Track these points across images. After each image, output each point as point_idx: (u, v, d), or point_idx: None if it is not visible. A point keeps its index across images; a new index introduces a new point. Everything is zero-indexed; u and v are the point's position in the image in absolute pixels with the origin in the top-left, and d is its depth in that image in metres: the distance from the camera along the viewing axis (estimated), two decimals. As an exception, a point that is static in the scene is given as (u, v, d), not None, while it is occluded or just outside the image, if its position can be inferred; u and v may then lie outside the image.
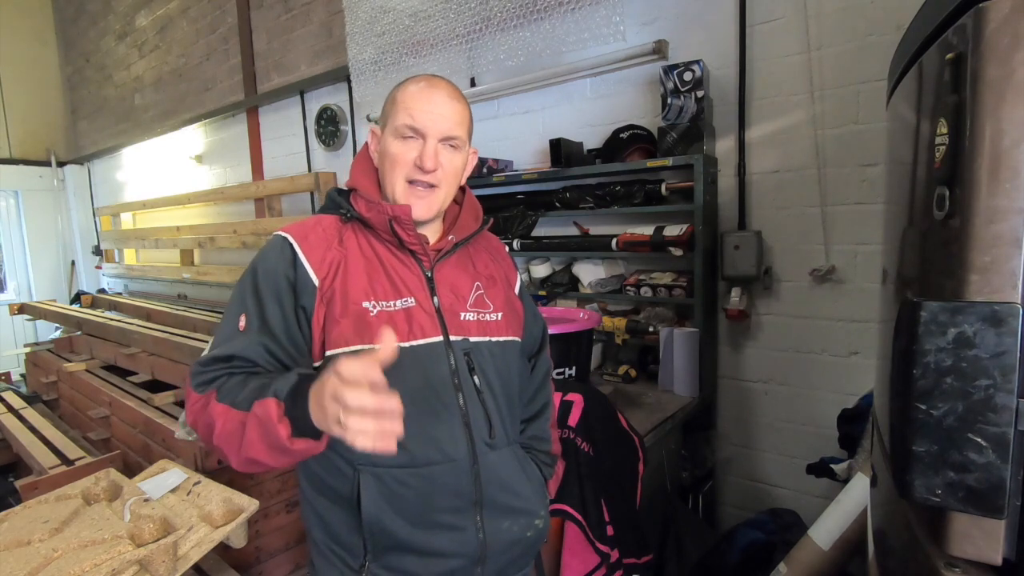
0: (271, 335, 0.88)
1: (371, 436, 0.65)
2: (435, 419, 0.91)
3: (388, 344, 0.67)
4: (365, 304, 0.89)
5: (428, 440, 0.90)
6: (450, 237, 1.00)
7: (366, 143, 1.04)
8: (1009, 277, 0.61)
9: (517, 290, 1.13)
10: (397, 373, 0.88)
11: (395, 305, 0.91)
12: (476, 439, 0.93)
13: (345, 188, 1.01)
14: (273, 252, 0.92)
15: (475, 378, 0.95)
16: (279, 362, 0.88)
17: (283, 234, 0.93)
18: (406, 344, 0.89)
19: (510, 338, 1.04)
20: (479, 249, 1.08)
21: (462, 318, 0.96)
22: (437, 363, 0.92)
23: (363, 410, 0.64)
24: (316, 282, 0.89)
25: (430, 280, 0.96)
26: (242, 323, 0.88)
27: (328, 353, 0.88)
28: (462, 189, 1.07)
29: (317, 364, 0.90)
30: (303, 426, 0.74)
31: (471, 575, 0.95)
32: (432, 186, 0.94)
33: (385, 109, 0.97)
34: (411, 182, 0.93)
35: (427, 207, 0.94)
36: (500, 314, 1.02)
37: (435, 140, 0.92)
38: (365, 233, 0.96)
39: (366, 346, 0.86)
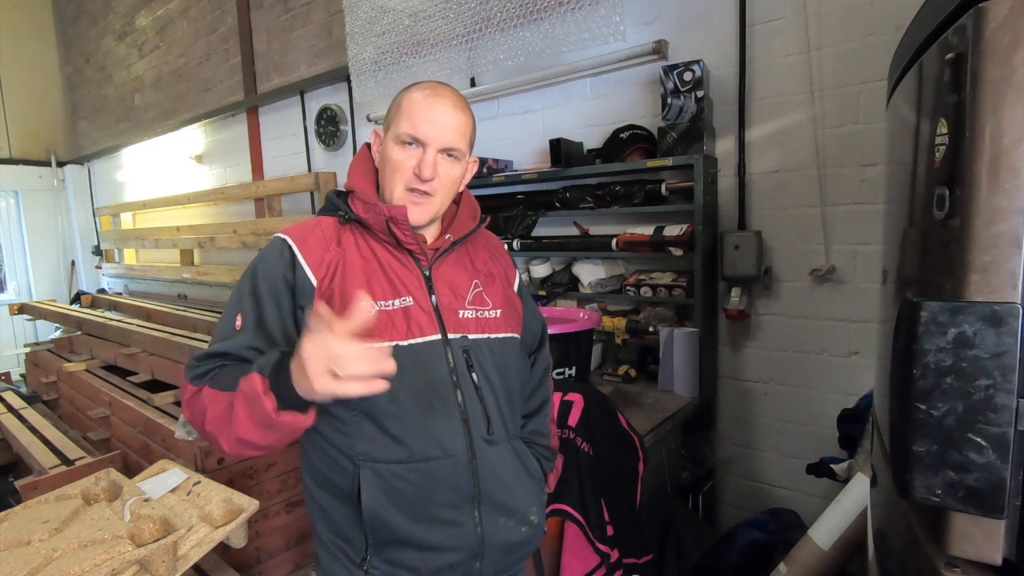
0: (267, 336, 0.89)
1: (364, 382, 0.72)
2: (434, 416, 0.92)
3: (364, 307, 0.73)
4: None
5: (427, 436, 0.92)
6: (448, 236, 1.01)
7: (365, 145, 1.06)
8: (1009, 277, 0.61)
9: (516, 287, 1.14)
10: (397, 372, 0.90)
11: (393, 304, 0.92)
12: (474, 435, 0.95)
13: (343, 190, 1.03)
14: (272, 254, 0.94)
15: (473, 375, 0.96)
16: None
17: (282, 236, 0.95)
18: (404, 343, 0.91)
19: (509, 335, 1.05)
20: (478, 247, 1.09)
21: (460, 316, 0.98)
22: (435, 361, 0.93)
23: (353, 361, 0.70)
24: (314, 282, 0.91)
25: (428, 279, 0.97)
26: (238, 323, 0.90)
27: None
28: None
29: None
30: (288, 399, 0.76)
31: (470, 569, 0.96)
32: (428, 194, 0.95)
33: (390, 113, 0.99)
34: (409, 190, 0.95)
35: (422, 213, 0.96)
36: (499, 311, 1.03)
37: (435, 150, 0.94)
38: (363, 234, 0.97)
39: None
